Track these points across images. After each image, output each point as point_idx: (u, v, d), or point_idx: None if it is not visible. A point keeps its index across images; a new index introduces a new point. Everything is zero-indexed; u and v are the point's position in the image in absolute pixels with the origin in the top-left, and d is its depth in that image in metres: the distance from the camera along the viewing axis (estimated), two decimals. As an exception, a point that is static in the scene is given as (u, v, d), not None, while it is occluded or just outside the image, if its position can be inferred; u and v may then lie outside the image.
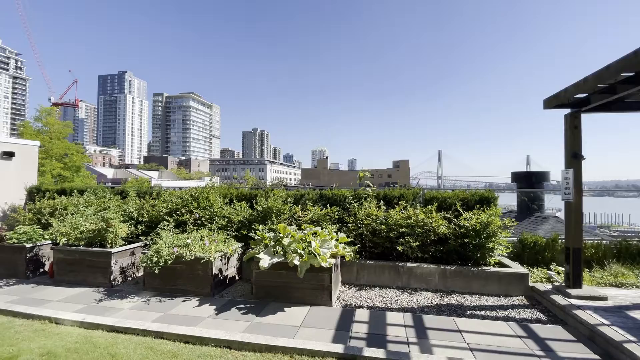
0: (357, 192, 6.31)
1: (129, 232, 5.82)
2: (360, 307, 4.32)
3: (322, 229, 5.25)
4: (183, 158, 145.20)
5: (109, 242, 5.34)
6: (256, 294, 4.57)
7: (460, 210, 5.49)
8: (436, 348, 3.19)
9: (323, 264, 4.20)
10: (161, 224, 5.51)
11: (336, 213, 5.82)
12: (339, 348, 2.92)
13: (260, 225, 5.13)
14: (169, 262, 4.62)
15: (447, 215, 5.51)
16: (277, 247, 4.49)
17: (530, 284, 4.81)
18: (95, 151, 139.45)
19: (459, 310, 4.20)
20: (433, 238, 5.26)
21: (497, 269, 4.94)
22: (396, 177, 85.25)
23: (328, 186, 6.82)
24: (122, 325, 3.59)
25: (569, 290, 4.35)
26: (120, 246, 5.43)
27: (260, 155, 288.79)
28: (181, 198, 6.35)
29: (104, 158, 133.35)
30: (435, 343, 3.30)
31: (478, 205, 5.63)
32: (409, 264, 5.11)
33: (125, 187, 8.09)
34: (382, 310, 4.21)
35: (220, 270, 4.88)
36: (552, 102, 4.70)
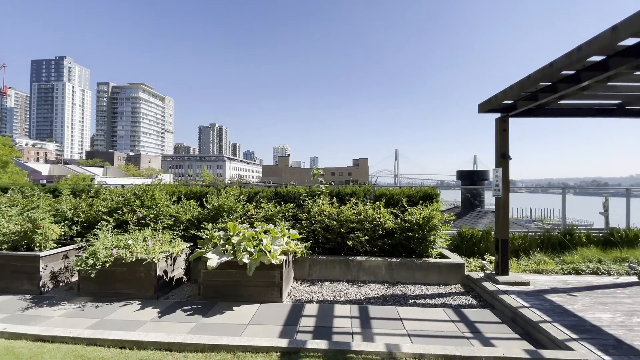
0: (311, 189, 6.40)
1: (62, 233, 5.33)
2: (311, 301, 4.40)
3: (275, 226, 5.25)
4: (132, 154, 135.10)
5: (37, 244, 4.85)
6: (204, 294, 4.45)
7: (406, 206, 5.81)
8: (377, 336, 3.37)
9: (274, 261, 4.21)
10: (99, 224, 5.12)
11: (290, 210, 5.85)
12: (283, 342, 2.96)
13: (210, 224, 4.99)
14: (107, 264, 4.33)
15: (394, 211, 5.81)
16: (227, 246, 4.41)
17: (466, 272, 5.26)
18: (27, 145, 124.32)
19: (402, 300, 4.47)
20: (381, 232, 5.52)
21: (437, 260, 5.32)
22: (356, 175, 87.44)
23: (289, 184, 6.82)
24: (49, 334, 3.30)
25: (497, 277, 4.83)
26: (51, 249, 4.95)
27: (219, 152, 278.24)
28: (123, 196, 5.94)
29: (38, 153, 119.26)
30: (378, 332, 3.48)
31: (422, 201, 6.02)
32: (358, 258, 5.30)
33: (58, 184, 7.37)
34: (331, 303, 4.33)
35: (166, 272, 4.67)
36: (485, 107, 5.15)
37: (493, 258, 5.33)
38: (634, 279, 5.06)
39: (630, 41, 3.04)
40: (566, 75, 3.87)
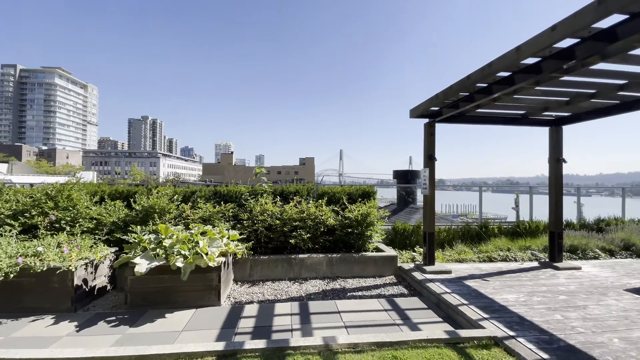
0: (254, 188, 6.28)
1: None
2: (251, 302, 4.34)
3: (213, 227, 5.05)
4: (45, 148, 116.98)
5: None
6: (132, 302, 4.09)
7: (346, 203, 6.05)
8: (316, 330, 3.46)
9: (211, 264, 4.05)
10: (1, 229, 4.40)
11: (231, 210, 5.67)
12: (219, 346, 2.87)
13: (139, 227, 4.60)
14: (11, 275, 3.73)
15: (336, 209, 6.01)
16: (158, 249, 4.11)
17: (399, 264, 5.67)
18: None
19: (341, 294, 4.65)
20: (323, 230, 5.66)
21: (374, 253, 5.64)
22: (302, 174, 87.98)
23: (231, 183, 6.58)
24: None
25: (425, 267, 5.30)
26: None
27: (152, 148, 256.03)
28: (32, 197, 5.16)
29: None
30: (317, 326, 3.58)
31: (360, 199, 6.32)
32: (300, 256, 5.37)
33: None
34: (272, 302, 4.32)
35: (85, 281, 4.19)
36: (415, 112, 5.60)
37: (422, 250, 5.82)
38: (535, 264, 5.96)
39: (530, 60, 3.57)
40: (481, 87, 4.40)
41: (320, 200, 5.99)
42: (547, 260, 5.93)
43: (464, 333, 3.19)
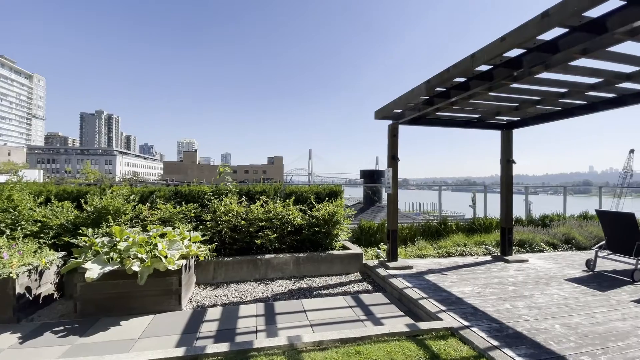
0: (218, 187, 6.10)
1: None
2: (214, 305, 4.21)
3: (173, 229, 4.84)
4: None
5: None
6: (82, 311, 3.80)
7: (314, 202, 6.08)
8: (281, 331, 3.45)
9: (170, 267, 3.87)
10: None
11: (193, 211, 5.46)
12: (179, 352, 2.76)
13: (90, 230, 4.28)
14: None
15: (303, 208, 6.01)
16: (112, 253, 3.86)
17: (364, 261, 5.81)
18: None
19: (307, 293, 4.66)
20: (290, 229, 5.64)
21: (340, 252, 5.73)
22: (271, 173, 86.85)
23: (192, 182, 6.32)
24: None
25: (388, 263, 5.47)
26: None
27: (108, 144, 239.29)
28: (-38, 198, 4.61)
29: None
30: (282, 326, 3.56)
31: (328, 198, 6.38)
32: (266, 256, 5.31)
33: None
34: (237, 304, 4.23)
35: (29, 289, 3.83)
36: (380, 114, 5.76)
37: (386, 247, 6.00)
38: (489, 257, 6.38)
39: (483, 67, 3.82)
40: (440, 92, 4.63)
41: (287, 200, 5.96)
42: (499, 254, 6.38)
43: (423, 325, 3.34)
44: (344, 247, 6.08)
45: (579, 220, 8.66)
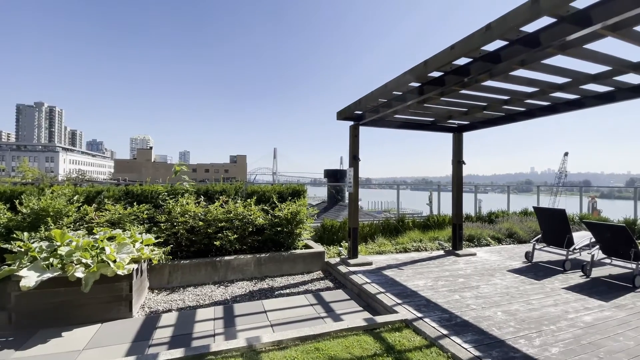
0: (173, 187, 5.82)
1: None
2: (169, 310, 4.03)
3: (124, 231, 4.54)
4: None
5: None
6: (18, 323, 3.44)
7: (277, 202, 6.04)
8: (241, 332, 3.40)
9: (120, 272, 3.63)
10: None
11: (145, 212, 5.16)
12: (129, 361, 2.61)
13: (26, 233, 3.87)
14: None
15: (265, 207, 5.94)
16: (52, 259, 3.53)
17: (326, 259, 5.89)
18: None
19: (268, 293, 4.62)
20: (251, 229, 5.55)
21: (303, 251, 5.75)
22: (233, 172, 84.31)
23: (145, 182, 5.96)
24: None
25: (349, 261, 5.60)
26: None
27: (49, 140, 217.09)
28: None
29: None
30: (241, 328, 3.51)
31: (291, 197, 6.37)
32: (226, 258, 5.17)
33: None
34: (194, 309, 4.08)
35: (-53, 303, 3.38)
36: (341, 115, 5.88)
37: (347, 244, 6.14)
38: (442, 252, 6.77)
39: (436, 74, 4.04)
40: (397, 95, 4.83)
41: (249, 200, 5.86)
42: (451, 248, 6.81)
43: (380, 319, 3.47)
44: (306, 246, 6.11)
45: (520, 216, 9.51)
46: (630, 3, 2.24)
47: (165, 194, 5.61)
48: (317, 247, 6.03)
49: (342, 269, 5.34)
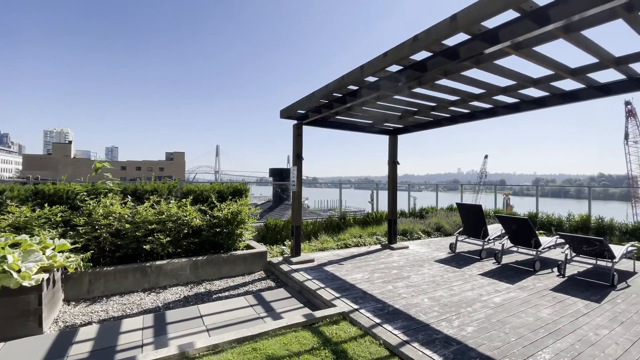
0: (95, 186, 5.23)
1: None
2: (89, 323, 3.62)
3: (31, 236, 3.96)
4: None
5: None
6: None
7: (216, 202, 5.80)
8: (173, 340, 3.20)
9: (25, 283, 3.16)
10: None
11: (60, 214, 4.57)
12: (35, 384, 2.29)
13: None
14: None
15: (203, 208, 5.67)
16: None
17: (269, 259, 5.84)
18: None
19: (205, 297, 4.43)
20: (187, 231, 5.25)
21: (244, 251, 5.62)
22: (170, 171, 78.22)
23: (60, 180, 5.22)
24: None
25: (292, 259, 5.63)
26: None
27: None
28: None
29: None
30: (173, 336, 3.31)
31: (231, 197, 6.18)
32: (158, 262, 4.82)
33: None
34: (119, 319, 3.73)
35: None
36: (285, 114, 5.88)
37: (290, 243, 6.16)
38: (379, 246, 7.17)
39: (371, 79, 4.26)
40: (337, 97, 4.99)
41: (184, 200, 5.53)
42: (387, 242, 7.26)
43: (318, 314, 3.56)
44: (248, 247, 5.98)
45: (447, 212, 10.52)
46: (531, 25, 2.63)
47: (85, 194, 5.02)
48: (260, 247, 5.94)
49: (285, 267, 5.35)
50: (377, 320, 3.44)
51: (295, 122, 6.04)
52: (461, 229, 7.00)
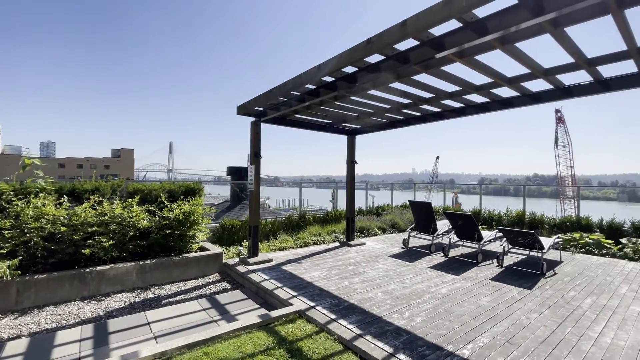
0: (23, 185, 4.67)
1: None
2: (17, 337, 3.24)
3: (-60, 243, 3.43)
4: None
5: None
6: None
7: (166, 202, 5.49)
8: (115, 350, 2.97)
9: None
10: None
11: (-21, 217, 4.01)
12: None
13: None
14: None
15: (152, 208, 5.33)
16: None
17: (224, 260, 5.66)
18: None
19: (154, 303, 4.17)
20: (133, 234, 4.91)
21: (197, 253, 5.39)
22: (117, 169, 72.11)
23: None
24: None
25: (249, 260, 5.51)
26: None
27: None
28: None
29: None
30: (116, 346, 3.08)
31: (184, 197, 5.88)
32: (100, 268, 4.45)
33: None
34: (53, 331, 3.38)
35: None
36: (242, 110, 5.73)
37: (248, 243, 6.03)
38: (337, 244, 7.29)
39: (329, 79, 4.31)
40: (296, 95, 4.97)
41: (130, 200, 5.16)
42: (345, 240, 7.41)
43: (274, 313, 3.53)
44: (202, 249, 5.75)
45: (401, 209, 11.01)
46: (472, 35, 2.83)
47: (12, 193, 4.46)
48: (215, 249, 5.74)
49: (241, 268, 5.22)
50: (333, 316, 3.49)
51: (253, 119, 5.92)
52: (413, 225, 7.36)
